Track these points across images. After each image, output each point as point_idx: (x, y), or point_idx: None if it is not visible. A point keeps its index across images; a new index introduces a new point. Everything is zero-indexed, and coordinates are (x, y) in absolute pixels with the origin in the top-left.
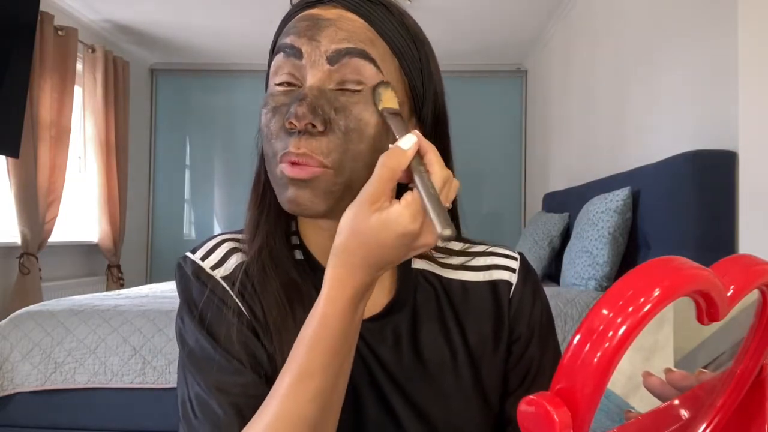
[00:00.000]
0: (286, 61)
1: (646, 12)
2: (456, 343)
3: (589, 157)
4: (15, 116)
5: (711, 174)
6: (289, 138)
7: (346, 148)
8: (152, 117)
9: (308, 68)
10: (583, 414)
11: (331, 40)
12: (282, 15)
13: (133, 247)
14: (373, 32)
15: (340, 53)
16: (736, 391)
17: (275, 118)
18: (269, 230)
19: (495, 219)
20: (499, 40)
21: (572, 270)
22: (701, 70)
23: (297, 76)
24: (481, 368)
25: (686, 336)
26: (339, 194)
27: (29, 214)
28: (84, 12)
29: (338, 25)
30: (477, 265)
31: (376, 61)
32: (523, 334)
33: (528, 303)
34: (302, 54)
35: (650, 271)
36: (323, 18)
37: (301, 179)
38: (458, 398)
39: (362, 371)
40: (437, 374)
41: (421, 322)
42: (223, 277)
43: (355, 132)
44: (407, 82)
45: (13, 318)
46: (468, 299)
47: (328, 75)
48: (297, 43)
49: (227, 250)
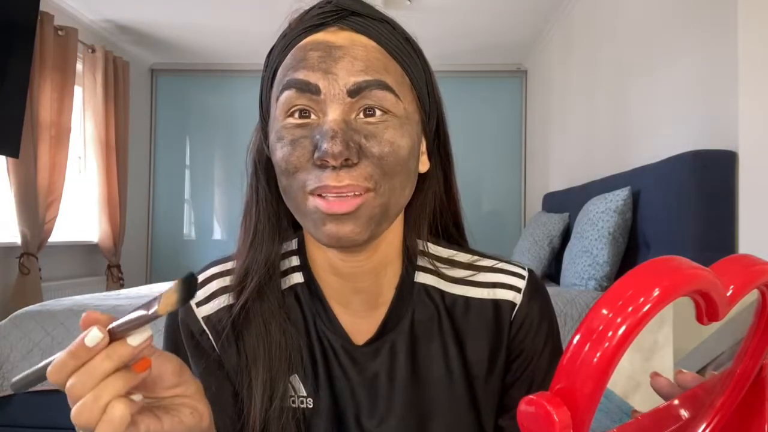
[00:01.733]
0: (300, 96)
1: (646, 12)
2: (453, 361)
3: (589, 157)
4: (15, 116)
5: (711, 174)
6: (321, 172)
7: (383, 171)
8: (152, 117)
9: (328, 103)
10: (583, 414)
11: (348, 72)
12: (282, 15)
13: (133, 247)
14: (385, 54)
15: (360, 86)
16: (736, 391)
17: (296, 152)
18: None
19: (495, 219)
20: (499, 40)
21: (572, 270)
22: (701, 70)
23: (314, 109)
24: (476, 386)
25: (686, 336)
26: (378, 218)
27: (29, 214)
28: (84, 12)
29: (353, 54)
30: (482, 281)
31: (394, 90)
32: (525, 352)
33: (533, 322)
34: (320, 89)
35: (650, 271)
36: (335, 46)
37: (343, 213)
38: (451, 416)
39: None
40: (432, 392)
41: (419, 339)
42: (204, 317)
43: (391, 156)
44: (417, 98)
45: (13, 318)
46: (469, 316)
47: (350, 106)
48: (312, 79)
49: (216, 289)
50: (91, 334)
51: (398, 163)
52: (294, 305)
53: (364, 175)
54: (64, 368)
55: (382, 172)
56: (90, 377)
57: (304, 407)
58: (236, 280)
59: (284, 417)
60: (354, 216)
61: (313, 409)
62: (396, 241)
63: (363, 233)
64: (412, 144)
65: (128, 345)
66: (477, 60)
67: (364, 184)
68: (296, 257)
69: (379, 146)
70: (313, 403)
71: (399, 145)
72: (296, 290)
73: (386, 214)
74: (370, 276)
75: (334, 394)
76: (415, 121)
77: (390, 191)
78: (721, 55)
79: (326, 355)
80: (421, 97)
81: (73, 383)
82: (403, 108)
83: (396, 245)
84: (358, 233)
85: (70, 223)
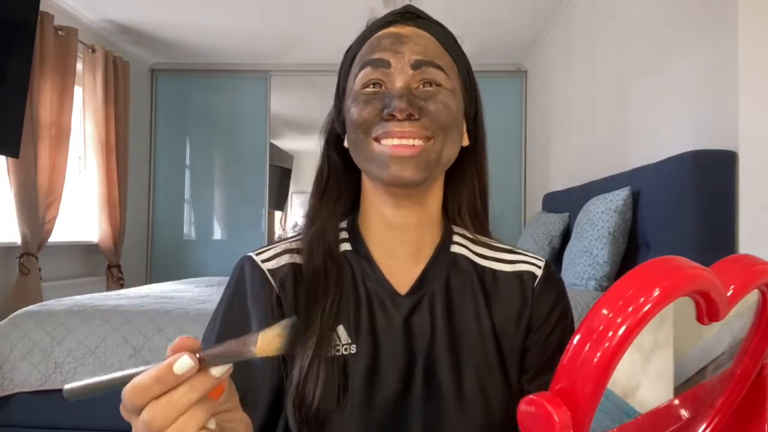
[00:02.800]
0: (374, 71)
1: (646, 12)
2: (483, 320)
3: (589, 157)
4: (15, 116)
5: (711, 174)
6: (388, 123)
7: (439, 124)
8: (152, 117)
9: (396, 74)
10: (583, 414)
11: (412, 51)
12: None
13: (133, 247)
14: (439, 46)
15: (420, 62)
16: (736, 391)
17: (368, 108)
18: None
19: (495, 219)
20: (499, 40)
21: (572, 270)
22: (701, 70)
23: (384, 82)
24: (503, 345)
25: (686, 336)
26: (434, 163)
27: (29, 214)
28: (84, 12)
29: (415, 41)
30: (506, 258)
31: (444, 69)
32: (546, 321)
33: (552, 295)
34: (390, 64)
35: (650, 271)
36: (402, 35)
37: (406, 156)
38: (481, 366)
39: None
40: (465, 343)
41: (454, 298)
42: (269, 270)
43: (444, 112)
44: (461, 83)
45: (13, 318)
46: (497, 285)
47: (412, 77)
48: (385, 56)
49: (281, 250)
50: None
51: (450, 117)
52: (344, 265)
53: (425, 126)
54: (147, 392)
55: (438, 125)
56: (173, 408)
57: (348, 354)
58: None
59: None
60: (415, 160)
61: (356, 354)
62: (438, 204)
63: (421, 174)
64: (459, 109)
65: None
66: (477, 60)
67: (424, 133)
68: (345, 232)
69: (435, 105)
70: (356, 349)
71: (449, 106)
72: (346, 255)
73: (439, 160)
74: (416, 229)
75: (374, 340)
76: (460, 98)
77: (444, 141)
78: (721, 55)
79: (371, 305)
80: (465, 83)
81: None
82: (452, 85)
83: (438, 208)
84: (417, 175)
85: (70, 223)
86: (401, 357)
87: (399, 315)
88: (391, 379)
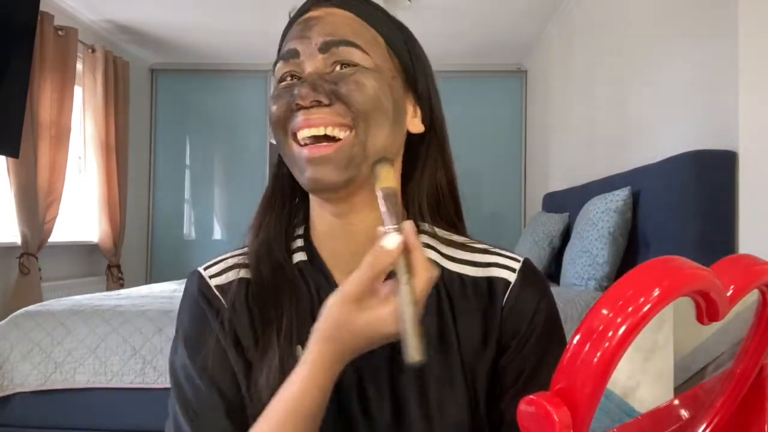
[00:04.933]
0: (286, 64)
1: (647, 12)
2: (450, 333)
3: (589, 157)
4: (15, 116)
5: (711, 174)
6: (296, 115)
7: (357, 108)
8: (152, 117)
9: (305, 61)
10: (583, 414)
11: (319, 33)
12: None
13: (133, 247)
14: (359, 21)
15: (328, 44)
16: (736, 391)
17: (279, 103)
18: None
19: (495, 219)
20: (499, 40)
21: (572, 270)
22: (701, 70)
23: (297, 72)
24: (466, 359)
25: (686, 336)
26: (359, 158)
27: (29, 214)
28: (84, 12)
29: (325, 20)
30: (477, 261)
31: (361, 46)
32: (519, 334)
33: (528, 304)
34: (298, 53)
35: (650, 271)
36: (313, 17)
37: (323, 156)
38: (446, 384)
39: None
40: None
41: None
42: (217, 286)
43: (357, 92)
44: (397, 60)
45: (13, 318)
46: (464, 293)
47: (323, 62)
48: (292, 45)
49: (231, 264)
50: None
51: (368, 99)
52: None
53: (338, 112)
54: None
55: (355, 110)
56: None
57: None
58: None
59: None
60: (333, 160)
61: None
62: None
63: (342, 175)
64: (383, 88)
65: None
66: (477, 60)
67: (338, 120)
68: (300, 240)
69: (347, 86)
70: None
71: (365, 85)
72: (300, 267)
73: (365, 153)
74: (366, 236)
75: None
76: (389, 75)
77: (366, 129)
78: (721, 55)
79: None
80: (403, 59)
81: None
82: (373, 62)
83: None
84: (338, 175)
85: (70, 223)
86: (365, 376)
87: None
88: (354, 397)
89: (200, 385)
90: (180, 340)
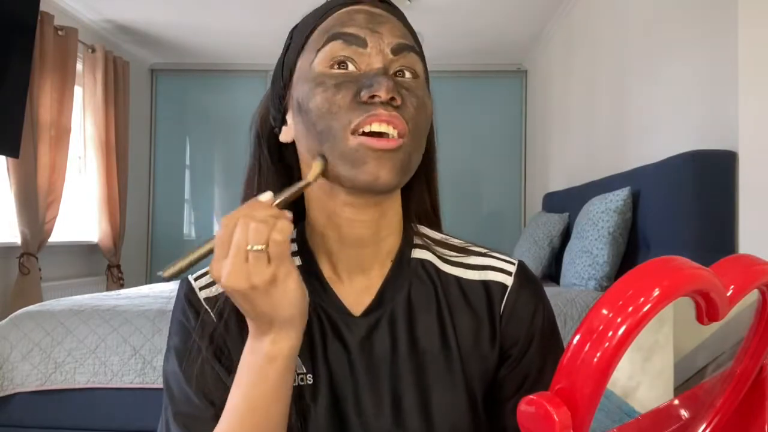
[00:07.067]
0: (345, 47)
1: (647, 12)
2: (450, 336)
3: (589, 157)
4: (15, 116)
5: (711, 174)
6: (367, 107)
7: (416, 123)
8: (152, 117)
9: (373, 56)
10: (583, 414)
11: (391, 33)
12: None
13: (133, 247)
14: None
15: (401, 47)
16: (736, 391)
17: (341, 93)
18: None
19: (495, 219)
20: (499, 40)
21: (572, 270)
22: (701, 70)
23: (355, 62)
24: (465, 363)
25: (686, 336)
26: (406, 167)
27: (29, 214)
28: (84, 12)
29: (393, 22)
30: (473, 263)
31: (423, 58)
32: (520, 340)
33: (526, 308)
34: (367, 43)
35: (650, 271)
36: (377, 13)
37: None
38: (449, 389)
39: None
40: (431, 364)
41: (417, 312)
42: (205, 298)
43: (422, 110)
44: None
45: (13, 318)
46: (461, 296)
47: (390, 63)
48: (361, 33)
49: None
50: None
51: (426, 119)
52: None
53: (406, 116)
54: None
55: (414, 125)
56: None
57: (304, 384)
58: None
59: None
60: (394, 158)
61: (313, 384)
62: (397, 216)
63: (396, 178)
64: (431, 112)
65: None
66: (477, 60)
67: (403, 126)
68: (295, 244)
69: (416, 99)
70: (312, 379)
71: (426, 104)
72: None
73: (409, 166)
74: (372, 242)
75: (330, 368)
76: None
77: (412, 143)
78: (721, 55)
79: (324, 330)
80: (426, 74)
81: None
82: (425, 77)
83: (397, 220)
84: (393, 176)
85: (70, 223)
86: (363, 383)
87: (354, 339)
88: (354, 406)
89: (190, 393)
90: (171, 349)
